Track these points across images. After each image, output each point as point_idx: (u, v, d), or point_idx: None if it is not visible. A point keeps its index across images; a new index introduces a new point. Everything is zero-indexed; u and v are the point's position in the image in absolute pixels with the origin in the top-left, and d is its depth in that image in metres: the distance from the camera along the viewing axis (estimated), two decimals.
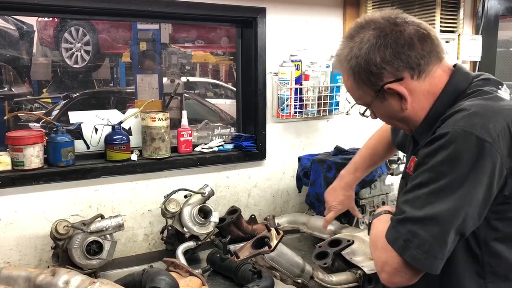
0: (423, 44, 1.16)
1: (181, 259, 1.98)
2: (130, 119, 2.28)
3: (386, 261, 1.13)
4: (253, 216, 2.34)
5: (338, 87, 2.56)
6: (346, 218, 2.33)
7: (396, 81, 1.17)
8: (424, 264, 1.07)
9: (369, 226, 1.32)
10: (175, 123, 2.50)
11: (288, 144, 2.61)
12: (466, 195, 1.05)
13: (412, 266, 1.09)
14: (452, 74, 1.22)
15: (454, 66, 1.25)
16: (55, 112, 5.07)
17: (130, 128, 2.31)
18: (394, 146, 1.67)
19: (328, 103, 2.54)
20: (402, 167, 2.45)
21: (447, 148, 1.06)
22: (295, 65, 2.43)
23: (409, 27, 1.16)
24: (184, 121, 2.36)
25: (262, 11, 2.39)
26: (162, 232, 2.17)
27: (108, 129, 2.19)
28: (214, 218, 2.11)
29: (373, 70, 1.16)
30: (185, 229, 2.06)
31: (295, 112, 2.48)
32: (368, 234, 1.32)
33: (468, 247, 1.14)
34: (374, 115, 1.31)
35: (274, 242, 1.38)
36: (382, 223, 1.24)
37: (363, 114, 1.34)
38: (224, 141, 2.53)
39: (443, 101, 1.20)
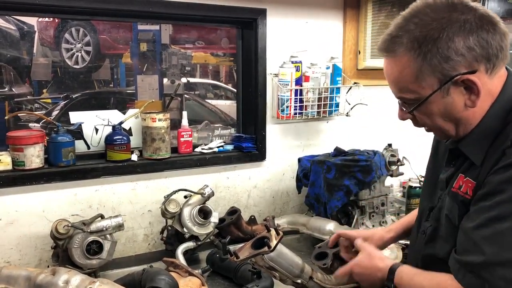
0: (502, 36, 1.04)
1: (181, 259, 1.99)
2: (131, 119, 2.28)
3: None
4: (252, 217, 2.35)
5: (338, 89, 2.57)
6: (345, 219, 2.34)
7: (470, 72, 1.00)
8: None
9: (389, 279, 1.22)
10: (175, 124, 2.50)
11: (288, 145, 2.61)
12: None
13: None
14: (508, 77, 1.08)
15: (506, 68, 1.11)
16: (55, 112, 5.05)
17: (130, 129, 2.31)
18: None
19: (328, 105, 2.54)
20: (401, 169, 2.46)
21: None
22: (295, 66, 2.43)
23: (488, 16, 1.05)
24: (185, 122, 2.37)
25: (262, 12, 2.39)
26: (162, 232, 2.18)
27: (109, 130, 2.19)
28: (214, 218, 2.12)
29: (451, 56, 0.99)
30: (185, 229, 2.06)
31: (295, 113, 2.49)
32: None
33: None
34: (414, 118, 1.10)
35: (273, 243, 1.38)
36: (422, 275, 1.13)
37: (410, 112, 1.10)
38: (224, 142, 2.53)
39: (498, 107, 1.05)
